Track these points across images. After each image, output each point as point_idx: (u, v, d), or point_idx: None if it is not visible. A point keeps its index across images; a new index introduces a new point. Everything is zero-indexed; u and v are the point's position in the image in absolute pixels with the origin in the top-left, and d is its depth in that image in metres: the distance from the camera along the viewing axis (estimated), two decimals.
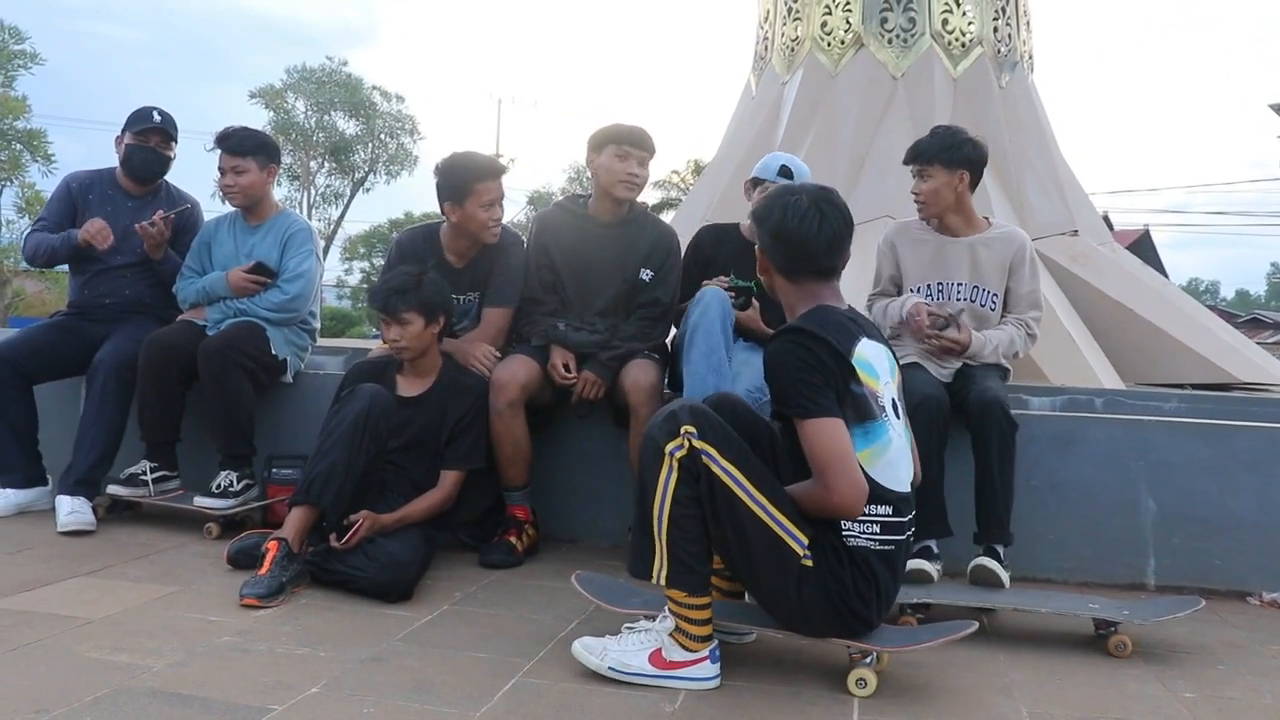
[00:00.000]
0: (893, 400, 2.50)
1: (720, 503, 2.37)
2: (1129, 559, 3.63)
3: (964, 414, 3.37)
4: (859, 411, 2.39)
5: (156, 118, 4.19)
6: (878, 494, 2.39)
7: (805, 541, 2.36)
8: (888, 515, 2.41)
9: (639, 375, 3.57)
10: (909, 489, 2.50)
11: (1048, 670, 2.71)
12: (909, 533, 2.50)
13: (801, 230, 2.47)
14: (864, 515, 2.38)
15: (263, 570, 3.00)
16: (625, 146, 3.75)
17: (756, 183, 3.93)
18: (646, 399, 3.51)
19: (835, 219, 2.50)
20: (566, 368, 3.66)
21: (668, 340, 3.89)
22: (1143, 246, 26.91)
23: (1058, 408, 5.24)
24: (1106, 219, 18.95)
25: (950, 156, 3.53)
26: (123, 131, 4.19)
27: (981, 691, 2.52)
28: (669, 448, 2.38)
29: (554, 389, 3.69)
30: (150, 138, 4.18)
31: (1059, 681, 2.62)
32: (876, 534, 2.40)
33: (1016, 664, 2.75)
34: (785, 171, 3.96)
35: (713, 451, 2.37)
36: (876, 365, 2.46)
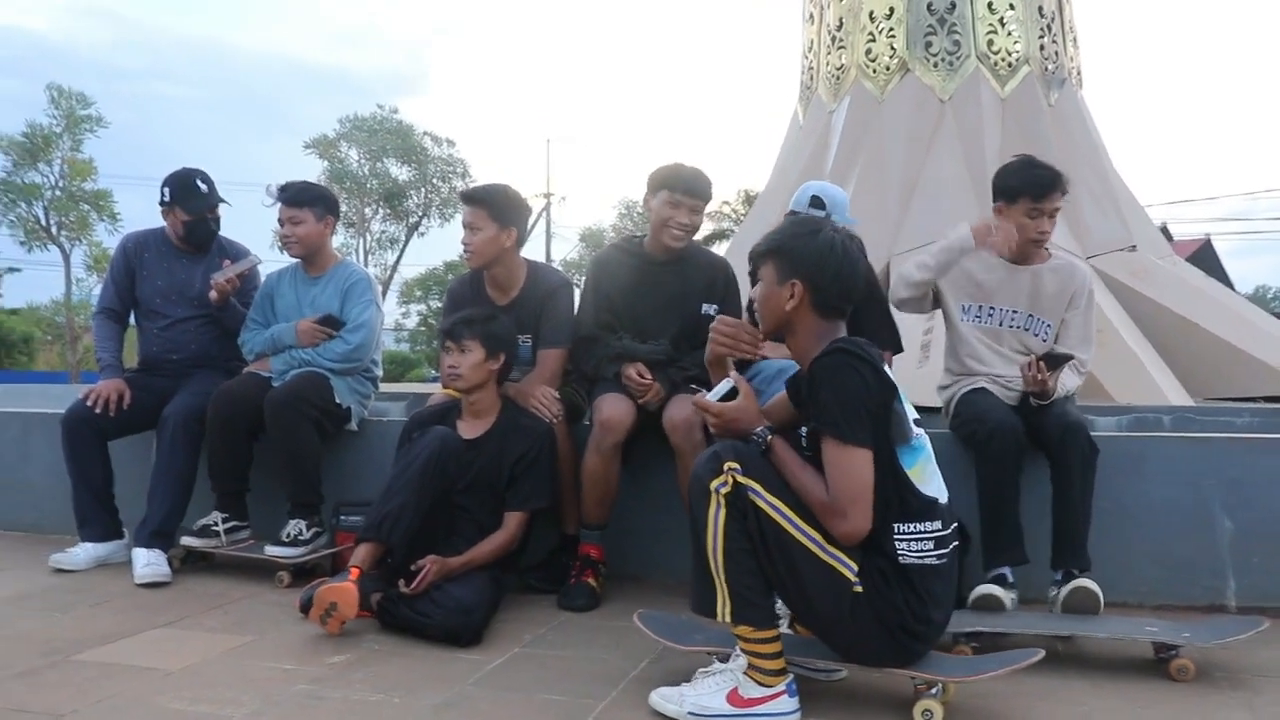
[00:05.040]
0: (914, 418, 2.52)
1: (769, 536, 2.38)
2: (1207, 580, 3.55)
3: (1041, 438, 3.33)
4: (901, 430, 2.41)
5: (203, 188, 4.29)
6: (927, 509, 2.40)
7: (855, 568, 2.36)
8: (939, 530, 2.42)
9: (675, 413, 3.57)
10: (948, 500, 2.50)
11: (1127, 698, 2.65)
12: (955, 544, 2.49)
13: (845, 269, 2.51)
14: (919, 533, 2.39)
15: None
16: (678, 195, 3.76)
17: (793, 215, 3.93)
18: (684, 436, 3.51)
19: (859, 256, 2.57)
20: (641, 374, 3.67)
21: None
22: (1204, 256, 26.47)
23: (1125, 427, 5.17)
24: (1165, 231, 18.66)
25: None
26: (170, 203, 4.27)
27: None
28: (714, 485, 2.40)
29: (636, 429, 3.70)
30: (203, 212, 4.29)
31: (1139, 710, 2.57)
32: (930, 550, 2.40)
33: (1095, 692, 2.69)
34: (817, 202, 3.96)
35: (757, 486, 2.39)
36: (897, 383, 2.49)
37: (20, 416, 5.04)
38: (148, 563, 3.82)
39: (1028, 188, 3.50)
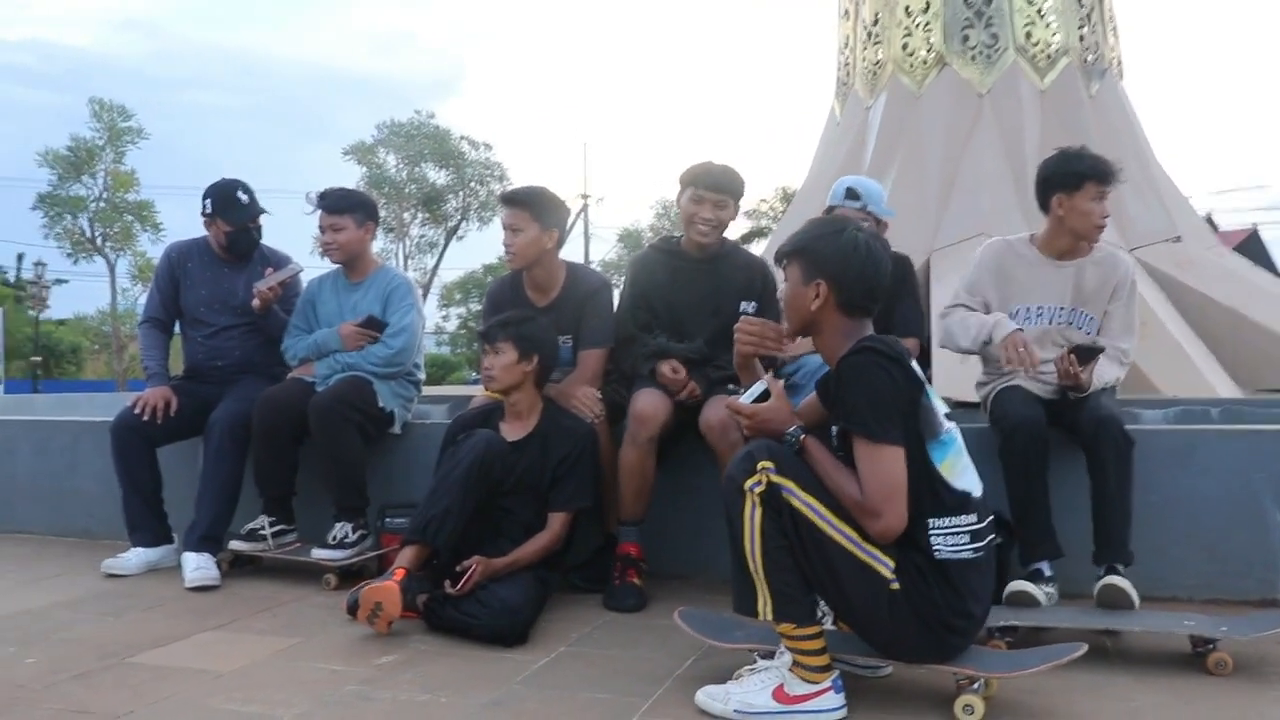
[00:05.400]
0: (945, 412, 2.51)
1: (804, 535, 2.39)
2: (1260, 574, 3.50)
3: (1076, 432, 3.31)
4: (931, 425, 2.40)
5: (244, 199, 4.34)
6: (961, 503, 2.40)
7: (892, 565, 2.36)
8: (974, 523, 2.41)
9: (711, 414, 3.57)
10: (983, 492, 2.49)
11: (1177, 693, 2.62)
12: (992, 537, 2.48)
13: (870, 268, 2.51)
14: (954, 526, 2.38)
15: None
16: (701, 190, 3.78)
17: (831, 210, 3.93)
18: (720, 437, 3.51)
19: (884, 256, 2.56)
20: (674, 370, 3.69)
21: None
22: (1251, 246, 26.03)
23: (1172, 420, 5.10)
24: (1210, 221, 18.40)
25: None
26: (212, 214, 4.33)
27: (1108, 716, 2.46)
28: (748, 485, 2.42)
29: (672, 427, 3.71)
30: (244, 223, 4.35)
31: (1189, 705, 2.54)
32: (966, 544, 2.39)
33: (1142, 688, 2.67)
34: (851, 193, 3.95)
35: (791, 485, 2.39)
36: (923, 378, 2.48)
37: (70, 425, 5.13)
38: (197, 566, 3.88)
39: (1093, 172, 3.45)
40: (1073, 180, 3.48)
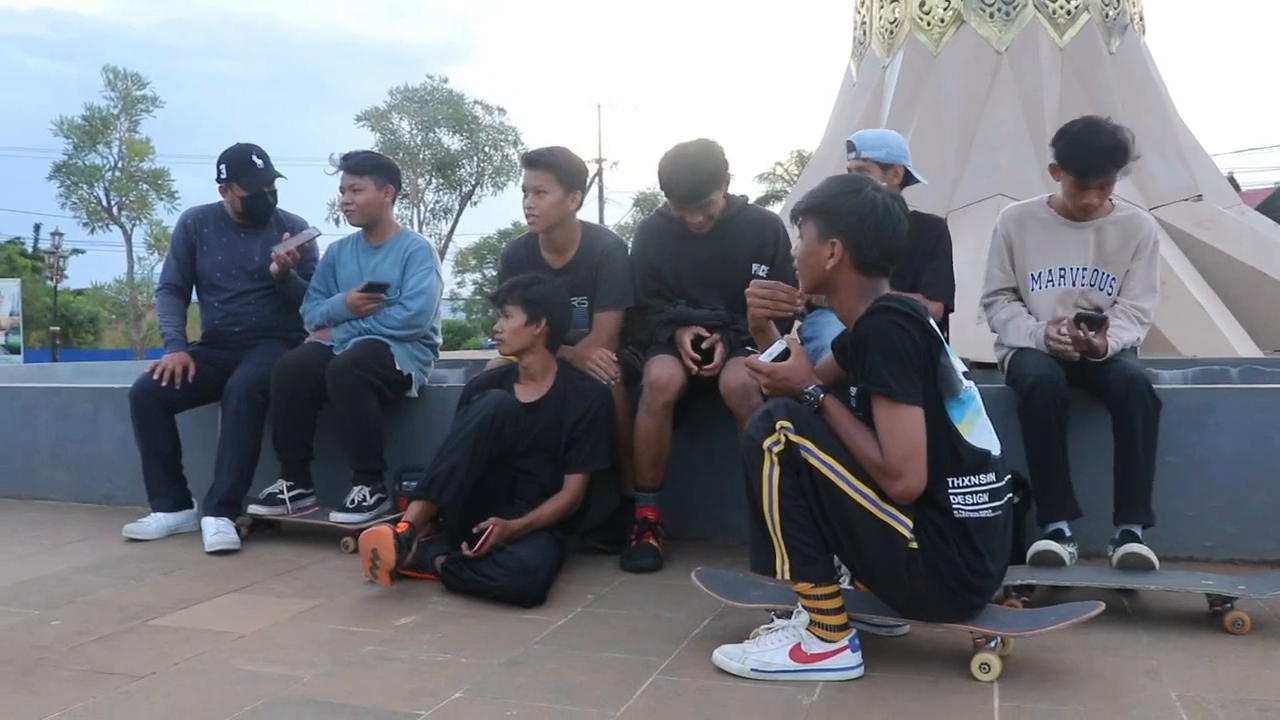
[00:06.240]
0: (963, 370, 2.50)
1: (823, 494, 2.39)
2: (1278, 534, 3.48)
3: (1104, 392, 3.29)
4: (950, 384, 2.40)
5: (258, 163, 4.33)
6: (980, 462, 2.40)
7: (910, 524, 2.36)
8: (992, 482, 2.40)
9: (731, 378, 3.56)
10: (1001, 451, 2.48)
11: (1196, 652, 2.62)
12: (1010, 496, 2.49)
13: (887, 227, 2.48)
14: (974, 485, 2.38)
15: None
16: (673, 204, 3.77)
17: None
18: (740, 400, 3.50)
19: (902, 215, 2.54)
20: (698, 339, 3.68)
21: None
22: (1274, 205, 25.70)
23: (1190, 380, 5.07)
24: (1232, 180, 18.18)
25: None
26: (227, 180, 4.33)
27: (1126, 675, 2.46)
28: (767, 444, 2.41)
29: (689, 390, 3.70)
30: (259, 187, 4.34)
31: (1208, 663, 2.53)
32: (985, 503, 2.39)
33: (1162, 646, 2.66)
34: (849, 146, 3.92)
35: (809, 445, 2.39)
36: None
37: (90, 392, 5.16)
38: (217, 531, 3.91)
39: (1074, 167, 3.40)
40: (1060, 160, 3.44)
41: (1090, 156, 3.36)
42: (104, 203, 33.39)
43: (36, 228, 45.01)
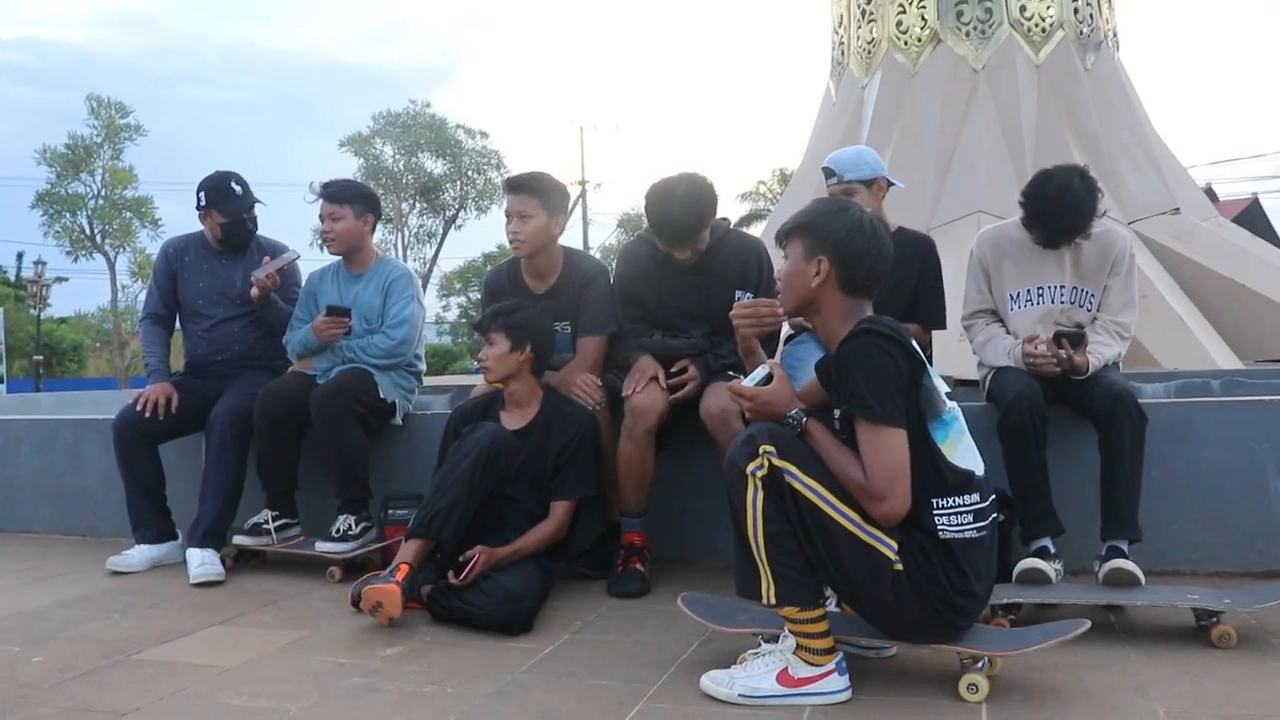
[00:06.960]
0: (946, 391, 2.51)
1: (807, 518, 2.39)
2: (1263, 546, 3.50)
3: (1089, 409, 3.30)
4: (932, 405, 2.40)
5: (237, 190, 4.32)
6: (964, 482, 2.40)
7: (895, 546, 2.36)
8: (977, 503, 2.41)
9: (711, 403, 3.55)
10: (985, 471, 2.49)
11: (1183, 667, 2.63)
12: (995, 515, 2.49)
13: (873, 248, 2.50)
14: (958, 506, 2.38)
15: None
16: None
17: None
18: (720, 426, 3.49)
19: (887, 238, 2.56)
20: (683, 369, 3.68)
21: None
22: (1252, 216, 25.93)
23: (1172, 393, 5.10)
24: (1209, 192, 18.33)
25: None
26: (207, 207, 4.31)
27: (1114, 692, 2.46)
28: (750, 469, 2.41)
29: (671, 416, 3.69)
30: (239, 213, 4.33)
31: (1195, 679, 2.54)
32: (969, 523, 2.39)
33: (1150, 662, 2.67)
34: (827, 172, 3.93)
35: (793, 469, 2.39)
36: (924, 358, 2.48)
37: (72, 423, 5.13)
38: (202, 562, 3.89)
39: (1034, 230, 3.48)
40: (1025, 223, 3.51)
41: (1056, 233, 3.44)
42: (87, 231, 33.29)
43: (19, 256, 44.86)
